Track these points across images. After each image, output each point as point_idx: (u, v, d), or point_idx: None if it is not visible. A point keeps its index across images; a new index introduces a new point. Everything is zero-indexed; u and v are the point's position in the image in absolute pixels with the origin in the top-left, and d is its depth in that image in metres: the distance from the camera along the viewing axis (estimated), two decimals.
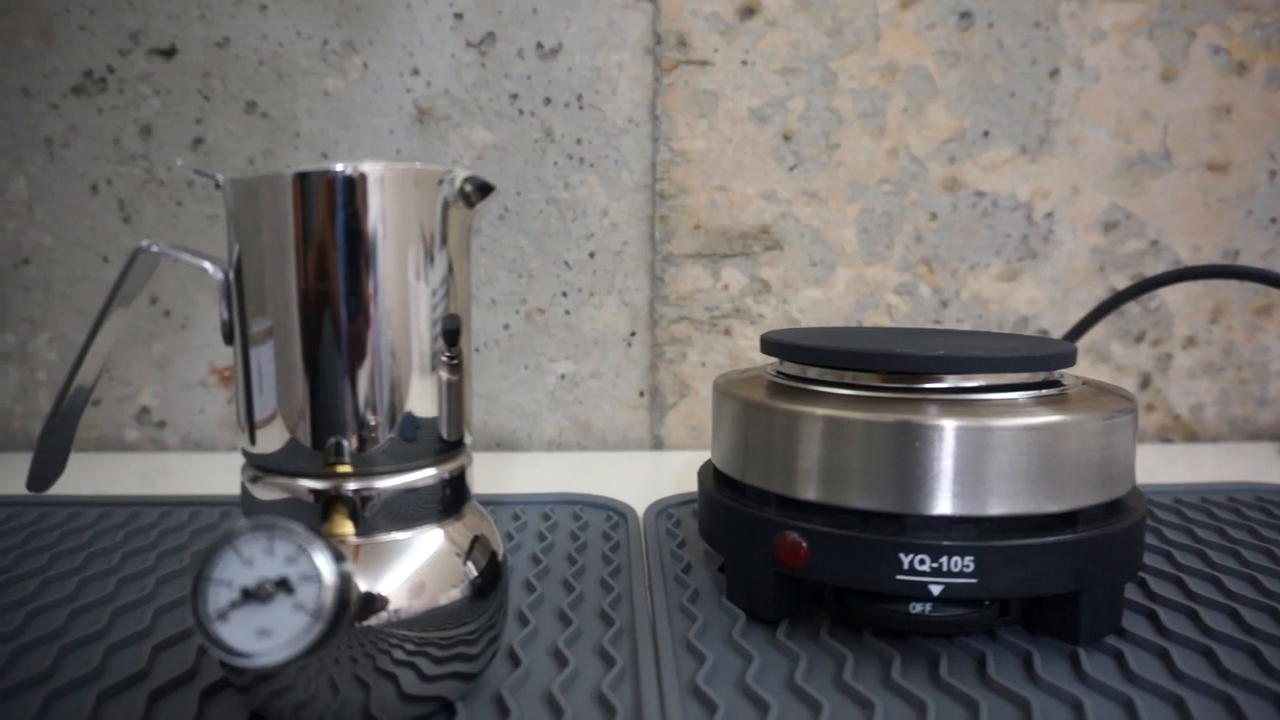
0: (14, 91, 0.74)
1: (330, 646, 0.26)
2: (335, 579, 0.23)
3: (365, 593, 0.28)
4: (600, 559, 0.47)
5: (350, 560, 0.26)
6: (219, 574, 0.23)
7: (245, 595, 0.23)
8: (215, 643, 0.23)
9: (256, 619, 0.23)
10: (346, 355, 0.29)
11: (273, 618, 0.23)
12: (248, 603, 0.23)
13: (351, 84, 0.74)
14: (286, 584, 0.23)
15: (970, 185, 0.75)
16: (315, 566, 0.23)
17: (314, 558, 0.23)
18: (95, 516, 0.55)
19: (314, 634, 0.23)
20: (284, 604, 0.23)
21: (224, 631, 0.23)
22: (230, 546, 0.23)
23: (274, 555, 0.24)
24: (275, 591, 0.23)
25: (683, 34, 0.73)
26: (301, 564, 0.23)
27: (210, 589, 0.23)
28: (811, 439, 0.38)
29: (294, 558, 0.24)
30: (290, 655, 0.23)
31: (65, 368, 0.77)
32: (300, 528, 0.24)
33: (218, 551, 0.23)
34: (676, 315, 0.76)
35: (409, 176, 0.29)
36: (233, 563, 0.23)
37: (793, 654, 0.36)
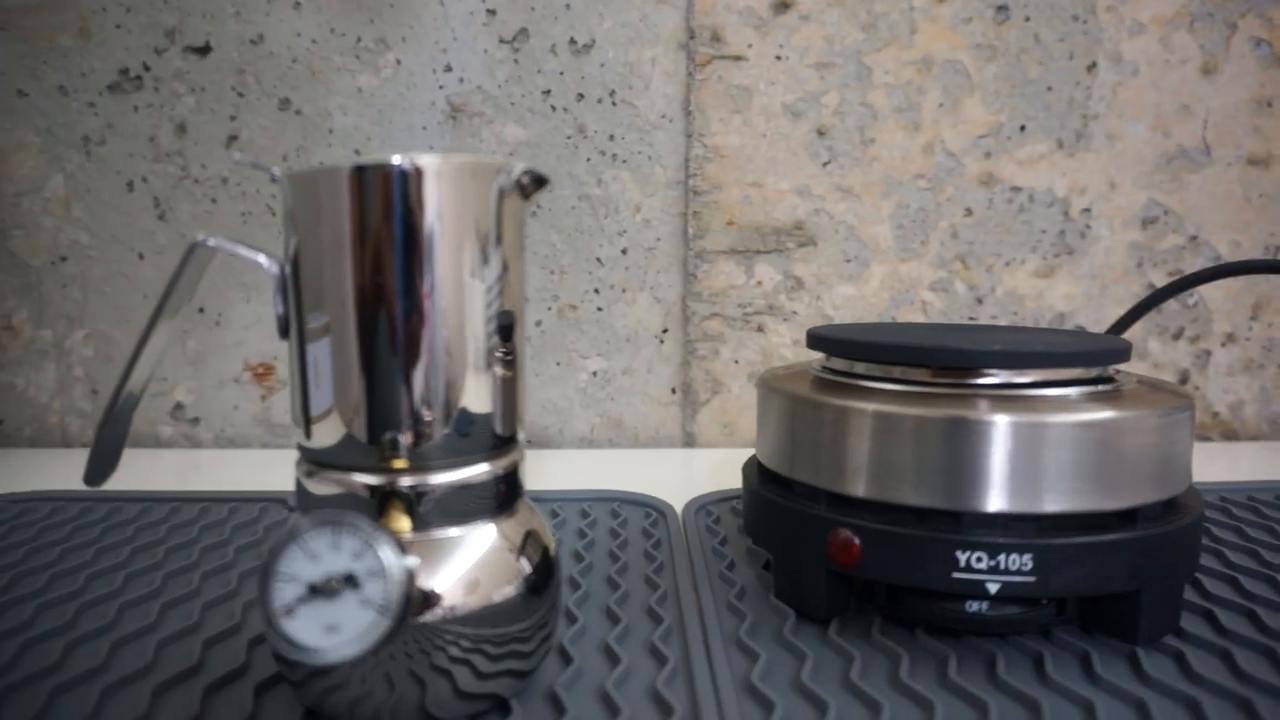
0: (52, 90, 0.75)
1: (393, 643, 0.26)
2: (402, 574, 0.23)
3: (421, 589, 0.28)
4: (643, 556, 0.47)
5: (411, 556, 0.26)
6: (285, 569, 0.23)
7: (312, 591, 0.23)
8: (284, 638, 0.23)
9: (324, 614, 0.23)
10: (403, 350, 0.29)
11: (340, 613, 0.23)
12: (314, 598, 0.23)
13: (384, 81, 0.74)
14: (353, 579, 0.23)
15: (1006, 180, 0.74)
16: (382, 561, 0.23)
17: (380, 553, 0.23)
18: (136, 512, 0.55)
19: (382, 630, 0.22)
20: (350, 599, 0.23)
21: (292, 627, 0.23)
22: (296, 542, 0.23)
23: (340, 550, 0.23)
24: (342, 587, 0.23)
25: (716, 29, 0.73)
26: (367, 559, 0.23)
27: (277, 584, 0.23)
28: (862, 435, 0.37)
29: (360, 553, 0.23)
30: (359, 651, 0.22)
31: (102, 364, 0.78)
32: (366, 522, 0.24)
33: (284, 547, 0.23)
34: (709, 312, 0.75)
35: (466, 169, 0.29)
36: (299, 558, 0.23)
37: (846, 652, 0.35)
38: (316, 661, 0.22)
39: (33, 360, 0.78)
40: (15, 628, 0.38)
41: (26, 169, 0.76)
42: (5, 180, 0.76)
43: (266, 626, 0.23)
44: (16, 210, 0.76)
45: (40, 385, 0.78)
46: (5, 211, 0.76)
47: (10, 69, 0.75)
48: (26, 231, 0.77)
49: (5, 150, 0.76)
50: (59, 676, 0.34)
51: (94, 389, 0.78)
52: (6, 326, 0.78)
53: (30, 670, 0.34)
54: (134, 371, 0.31)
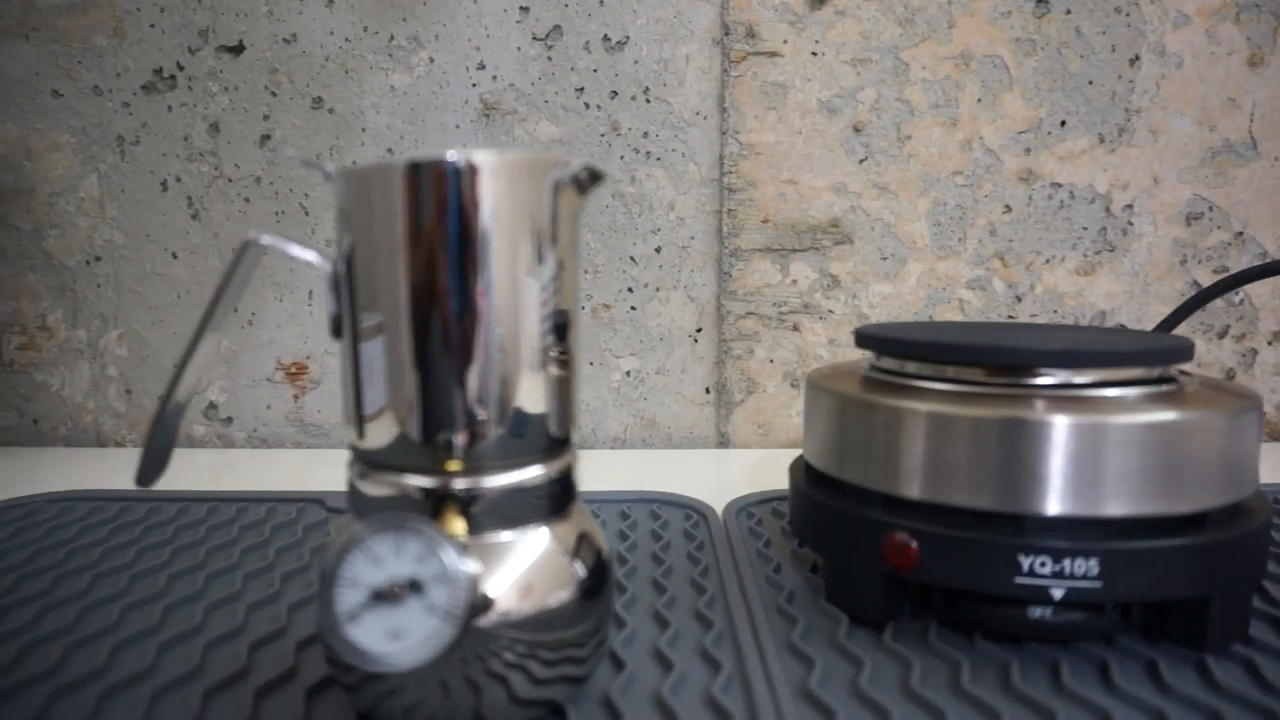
0: (86, 90, 0.75)
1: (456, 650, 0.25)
2: (468, 580, 0.23)
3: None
4: (686, 559, 0.46)
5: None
6: (348, 574, 0.23)
7: (375, 596, 0.23)
8: (348, 646, 0.22)
9: (387, 620, 0.23)
10: (457, 349, 0.28)
11: (404, 619, 0.23)
12: (378, 604, 0.23)
13: (417, 79, 0.74)
14: (417, 585, 0.23)
15: (1046, 176, 0.73)
16: (448, 567, 0.22)
17: (445, 558, 0.23)
18: (174, 512, 0.55)
19: (448, 637, 0.22)
20: (415, 605, 0.23)
21: (356, 634, 0.22)
22: (359, 546, 0.23)
23: (403, 555, 0.23)
24: (406, 592, 0.22)
25: (751, 25, 0.72)
26: (431, 564, 0.23)
27: (340, 590, 0.23)
28: (916, 436, 0.36)
29: (423, 557, 0.23)
30: (425, 659, 0.22)
31: (136, 364, 0.78)
32: (428, 526, 0.23)
33: (346, 551, 0.23)
34: (744, 311, 0.75)
35: (522, 165, 0.28)
36: (361, 563, 0.23)
37: (903, 658, 0.34)
38: (381, 668, 0.22)
39: (67, 360, 0.78)
40: (60, 629, 0.38)
41: (61, 169, 0.76)
42: (40, 180, 0.76)
43: (329, 632, 0.22)
44: (51, 210, 0.77)
45: (75, 385, 0.78)
46: (40, 211, 0.77)
47: (45, 70, 0.75)
48: (61, 231, 0.77)
49: (40, 150, 0.76)
50: (106, 680, 0.33)
51: (127, 389, 0.78)
52: (41, 326, 0.78)
53: (79, 673, 0.34)
54: (187, 369, 0.30)
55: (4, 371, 0.78)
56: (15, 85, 0.75)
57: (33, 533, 0.51)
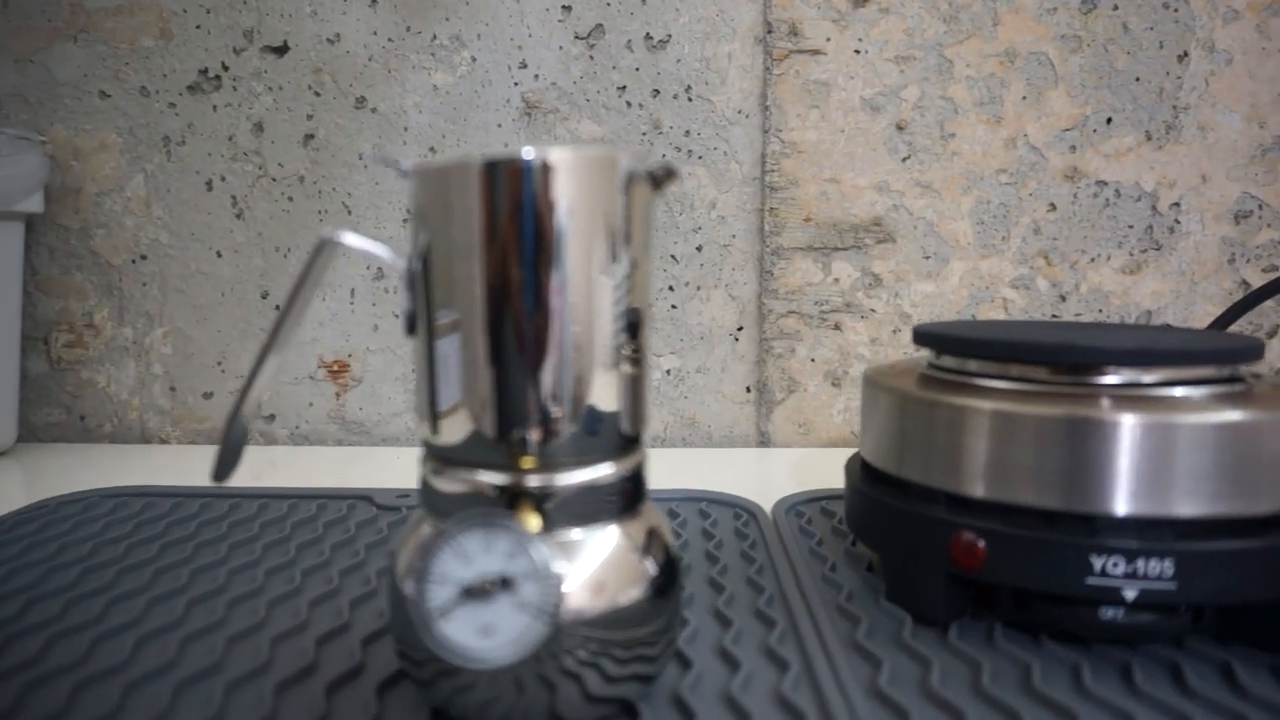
0: (133, 91, 0.76)
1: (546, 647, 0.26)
2: (559, 577, 0.23)
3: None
4: (740, 557, 0.46)
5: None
6: (438, 571, 0.23)
7: (466, 593, 0.23)
8: (441, 642, 0.22)
9: (478, 617, 0.23)
10: (532, 346, 0.28)
11: (495, 616, 0.23)
12: (468, 601, 0.23)
13: (460, 78, 0.74)
14: (508, 581, 0.23)
15: (1092, 174, 0.72)
16: (538, 563, 0.23)
17: (535, 554, 0.23)
18: (227, 508, 0.56)
19: (541, 634, 0.22)
20: (505, 602, 0.23)
21: (447, 630, 0.22)
22: (448, 543, 0.23)
23: (492, 552, 0.23)
24: (496, 589, 0.23)
25: (794, 23, 0.72)
26: (521, 561, 0.23)
27: (431, 586, 0.23)
28: (980, 434, 0.36)
29: (513, 554, 0.23)
30: (518, 655, 0.22)
31: (180, 361, 0.78)
32: (517, 523, 0.23)
33: (436, 548, 0.23)
34: (785, 309, 0.75)
35: (597, 162, 0.28)
36: (451, 560, 0.23)
37: (971, 659, 0.34)
38: (474, 664, 0.22)
39: (113, 357, 0.79)
40: (128, 623, 0.38)
41: (108, 169, 0.77)
42: (88, 180, 0.77)
43: (422, 628, 0.22)
44: (99, 210, 0.77)
45: (120, 382, 0.79)
46: (88, 211, 0.77)
47: (93, 71, 0.76)
48: (108, 231, 0.78)
49: (88, 151, 0.77)
50: (177, 674, 0.34)
51: (172, 386, 0.79)
52: (88, 324, 0.79)
53: (150, 667, 0.34)
54: (263, 365, 0.31)
55: (52, 369, 0.79)
56: (64, 86, 0.76)
57: (90, 528, 0.52)
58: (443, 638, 0.22)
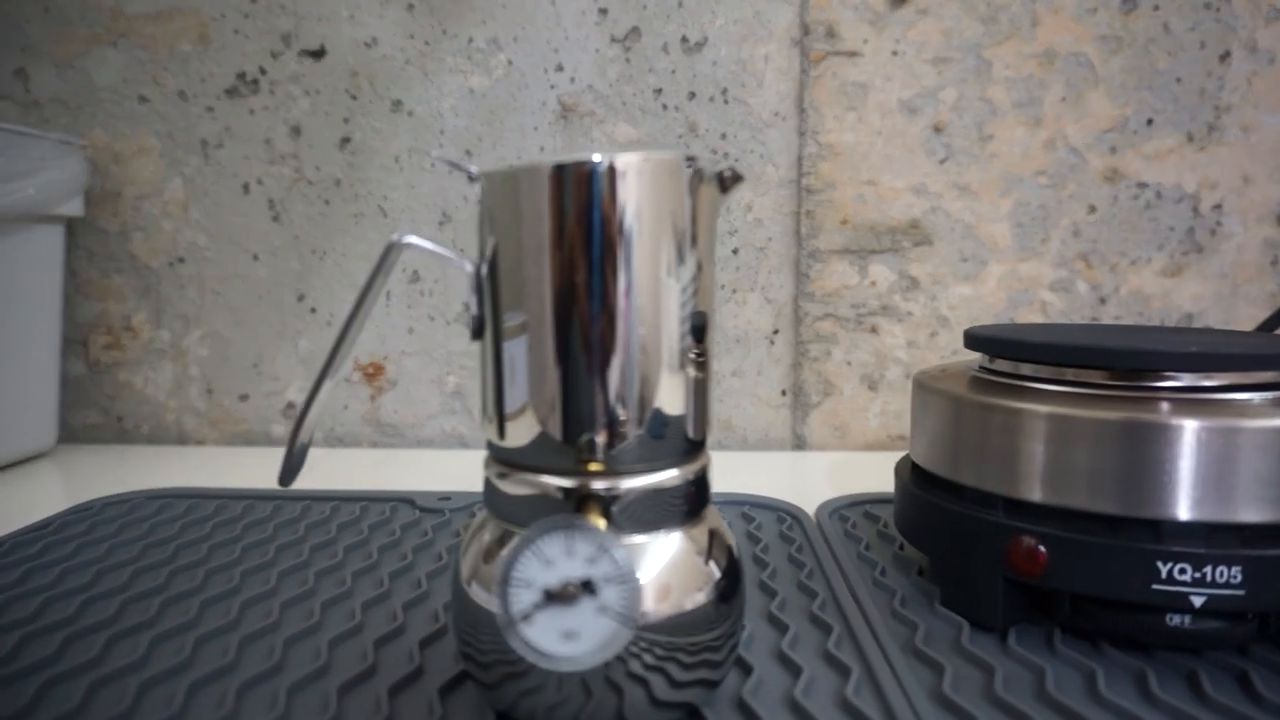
0: (172, 95, 0.76)
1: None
2: (640, 580, 0.23)
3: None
4: (788, 561, 0.46)
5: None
6: (521, 575, 0.23)
7: (548, 597, 0.23)
8: (526, 645, 0.22)
9: (561, 621, 0.23)
10: (600, 350, 0.28)
11: (577, 620, 0.23)
12: (550, 604, 0.23)
13: (496, 81, 0.74)
14: (590, 585, 0.23)
15: (1132, 176, 0.72)
16: (620, 568, 0.23)
17: (617, 558, 0.23)
18: (270, 509, 0.56)
19: (625, 638, 0.22)
20: (587, 606, 0.23)
21: (531, 633, 0.22)
22: (529, 547, 0.23)
23: (574, 556, 0.23)
24: (579, 593, 0.23)
25: (831, 24, 0.72)
26: (603, 565, 0.23)
27: (513, 590, 0.23)
28: (1037, 438, 0.36)
29: (594, 558, 0.23)
30: (602, 658, 0.22)
31: (217, 364, 0.79)
32: (598, 528, 0.23)
33: (518, 552, 0.23)
34: (821, 312, 0.74)
35: (665, 165, 0.28)
36: (533, 564, 0.23)
37: (1033, 665, 0.34)
38: (558, 668, 0.22)
39: (151, 360, 0.80)
40: (184, 624, 0.38)
41: (147, 173, 0.77)
42: (127, 184, 0.78)
43: (505, 631, 0.22)
44: (137, 213, 0.78)
45: (158, 384, 0.80)
46: (126, 214, 0.78)
47: (132, 75, 0.76)
48: (146, 234, 0.78)
49: (127, 155, 0.77)
50: (240, 675, 0.34)
51: (208, 388, 0.80)
52: (126, 327, 0.79)
53: (210, 668, 0.34)
54: (331, 367, 0.31)
55: (90, 371, 0.80)
56: (103, 91, 0.77)
57: (137, 529, 0.52)
58: (525, 641, 0.22)
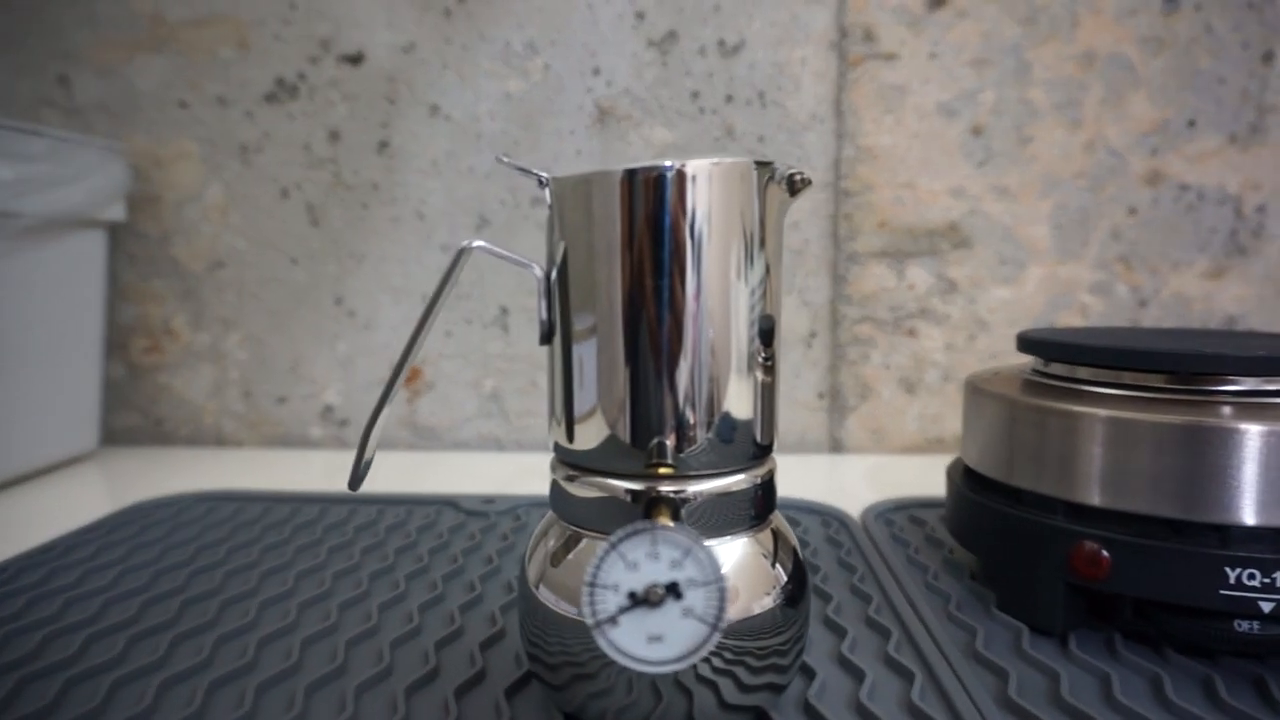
0: (211, 100, 0.77)
1: None
2: (725, 584, 0.23)
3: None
4: (838, 565, 0.46)
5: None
6: (606, 579, 0.23)
7: (633, 600, 0.23)
8: (613, 647, 0.22)
9: (646, 624, 0.23)
10: (670, 354, 0.29)
11: (663, 623, 0.23)
12: (636, 607, 0.23)
13: (533, 85, 0.75)
14: (676, 589, 0.23)
15: (1174, 178, 0.71)
16: (705, 571, 0.23)
17: (702, 562, 0.23)
18: (316, 512, 0.56)
19: (713, 642, 0.22)
20: (673, 609, 0.23)
21: (617, 636, 0.22)
22: (614, 550, 0.23)
23: (658, 560, 0.23)
24: (665, 596, 0.23)
25: (869, 27, 0.72)
26: (688, 568, 0.23)
27: (599, 593, 0.23)
28: (1095, 441, 0.36)
29: (679, 562, 0.23)
30: (688, 661, 0.22)
31: (255, 367, 0.80)
32: (682, 531, 0.23)
33: (603, 555, 0.23)
34: (859, 315, 0.74)
35: (735, 170, 0.28)
36: (618, 567, 0.23)
37: (1097, 670, 0.34)
38: (645, 670, 0.22)
39: (190, 363, 0.80)
40: (245, 626, 0.39)
41: (187, 178, 0.78)
42: (167, 189, 0.79)
43: (593, 633, 0.22)
44: (177, 217, 0.79)
45: (197, 387, 0.81)
46: (167, 219, 0.79)
47: (173, 81, 0.77)
48: (186, 238, 0.79)
49: (167, 160, 0.78)
50: (305, 675, 0.34)
51: (247, 391, 0.80)
52: (166, 330, 0.80)
53: (274, 670, 0.34)
54: (402, 372, 0.31)
55: (130, 374, 0.81)
56: (145, 97, 0.78)
57: (187, 531, 0.52)
58: (612, 644, 0.22)
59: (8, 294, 0.63)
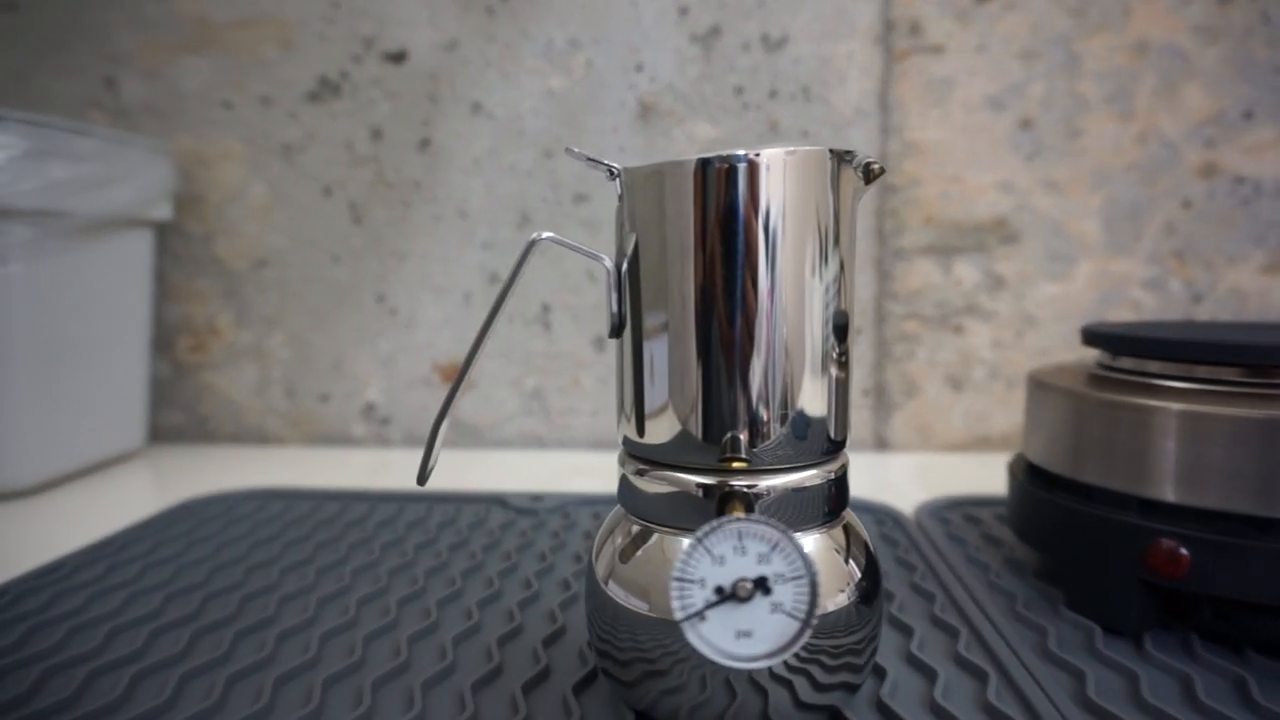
0: (255, 100, 0.78)
1: None
2: (816, 578, 0.22)
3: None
4: (896, 563, 0.46)
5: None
6: (692, 573, 0.23)
7: (720, 594, 0.22)
8: (703, 642, 0.22)
9: (734, 619, 0.22)
10: (743, 348, 0.28)
11: (751, 618, 0.22)
12: (724, 603, 0.22)
13: (575, 82, 0.74)
14: (764, 584, 0.22)
15: (1229, 170, 0.70)
16: (795, 565, 0.22)
17: (791, 556, 0.22)
18: (365, 509, 0.56)
19: (804, 638, 0.22)
20: (761, 605, 0.22)
21: (704, 631, 0.22)
22: (700, 545, 0.23)
23: (745, 554, 0.23)
24: (754, 591, 0.22)
25: (915, 20, 0.71)
26: (775, 563, 0.22)
27: (685, 588, 0.22)
28: (1173, 437, 0.35)
29: (766, 556, 0.23)
30: (778, 657, 0.22)
31: (298, 365, 0.80)
32: (771, 525, 0.23)
33: (690, 550, 0.23)
34: (905, 312, 0.73)
35: (812, 159, 0.28)
36: (704, 562, 0.23)
37: (1177, 671, 0.33)
38: (736, 667, 0.22)
39: (234, 361, 0.81)
40: (304, 622, 0.39)
41: (231, 177, 0.79)
42: (211, 188, 0.79)
43: (681, 628, 0.22)
44: (221, 217, 0.79)
45: (241, 385, 0.81)
46: (211, 218, 0.79)
47: (217, 82, 0.78)
48: (230, 237, 0.80)
49: (211, 159, 0.79)
50: (369, 671, 0.34)
51: (290, 389, 0.81)
52: (211, 329, 0.81)
53: (339, 665, 0.34)
54: (468, 370, 0.31)
55: (175, 372, 0.82)
56: (190, 98, 0.78)
57: (240, 527, 0.53)
58: (700, 638, 0.22)
59: (61, 293, 0.63)
